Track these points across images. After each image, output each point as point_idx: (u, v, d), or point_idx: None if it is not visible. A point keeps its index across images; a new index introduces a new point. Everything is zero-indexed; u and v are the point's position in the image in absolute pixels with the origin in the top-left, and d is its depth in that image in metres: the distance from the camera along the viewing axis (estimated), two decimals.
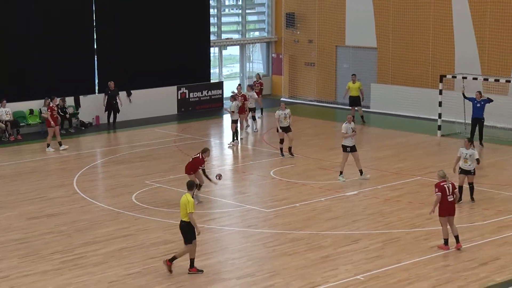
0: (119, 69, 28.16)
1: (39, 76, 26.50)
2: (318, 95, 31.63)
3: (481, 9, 26.64)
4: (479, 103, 22.71)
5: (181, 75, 29.74)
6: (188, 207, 13.02)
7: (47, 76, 26.60)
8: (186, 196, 13.17)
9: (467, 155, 16.79)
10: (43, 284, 13.00)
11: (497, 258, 13.97)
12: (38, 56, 26.58)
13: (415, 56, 28.50)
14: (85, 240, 15.21)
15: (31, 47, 26.42)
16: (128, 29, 28.40)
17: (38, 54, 26.58)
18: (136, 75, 28.57)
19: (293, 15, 32.05)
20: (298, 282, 12.90)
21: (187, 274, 13.30)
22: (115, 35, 28.13)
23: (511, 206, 17.20)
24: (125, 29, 28.32)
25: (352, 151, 19.36)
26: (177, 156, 22.65)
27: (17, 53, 26.12)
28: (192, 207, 13.04)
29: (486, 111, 22.82)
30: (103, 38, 28.01)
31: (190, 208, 13.02)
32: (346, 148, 19.35)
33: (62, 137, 24.82)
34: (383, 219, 16.39)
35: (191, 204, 13.04)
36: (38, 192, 18.95)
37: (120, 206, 17.47)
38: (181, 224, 13.28)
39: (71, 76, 27.06)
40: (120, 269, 13.60)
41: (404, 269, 13.46)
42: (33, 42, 26.44)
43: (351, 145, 19.31)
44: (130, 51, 28.45)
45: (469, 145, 16.83)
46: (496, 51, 26.37)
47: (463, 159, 16.91)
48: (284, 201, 17.83)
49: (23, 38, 26.19)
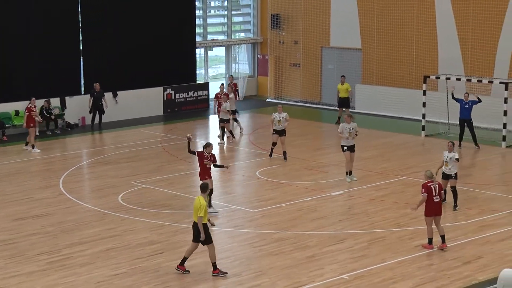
0: (105, 70, 28.06)
1: (24, 77, 26.35)
2: (303, 95, 31.69)
3: (464, 10, 26.80)
4: (467, 104, 22.78)
5: (167, 76, 29.68)
6: (199, 211, 12.87)
7: (33, 77, 26.45)
8: (199, 199, 13.02)
9: (448, 158, 16.72)
10: (29, 285, 12.94)
11: (480, 257, 14.06)
12: (24, 57, 26.42)
13: (399, 57, 28.62)
14: (72, 240, 15.15)
15: (17, 48, 26.26)
16: (114, 30, 28.30)
17: (24, 56, 26.41)
18: (122, 76, 28.49)
19: (278, 16, 32.09)
20: (284, 282, 12.93)
21: (174, 274, 13.29)
22: (101, 36, 28.02)
23: (494, 206, 17.33)
24: (111, 30, 28.22)
25: (350, 151, 19.33)
26: (163, 156, 22.60)
27: (2, 54, 25.96)
28: (203, 211, 12.87)
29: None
30: (89, 39, 27.89)
31: (201, 212, 12.86)
32: (343, 148, 19.35)
33: (48, 138, 24.71)
34: (368, 219, 16.46)
35: (202, 208, 12.88)
36: (24, 193, 18.85)
37: (107, 207, 17.41)
38: (194, 226, 13.14)
39: (57, 77, 26.93)
40: (107, 269, 13.57)
41: (388, 268, 13.52)
42: (19, 44, 26.28)
43: (349, 145, 19.27)
44: (116, 52, 28.35)
45: (452, 149, 16.78)
46: (479, 52, 26.54)
47: (444, 162, 16.82)
48: (270, 201, 17.86)
49: (8, 39, 26.03)
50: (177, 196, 18.30)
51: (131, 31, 28.71)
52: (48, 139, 25.31)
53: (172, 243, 15.00)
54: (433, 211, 14.32)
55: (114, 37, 28.29)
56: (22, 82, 26.25)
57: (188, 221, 16.20)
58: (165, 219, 16.50)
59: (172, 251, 14.47)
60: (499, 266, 13.22)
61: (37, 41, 26.58)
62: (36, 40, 26.55)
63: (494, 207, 17.17)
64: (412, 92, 27.38)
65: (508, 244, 14.71)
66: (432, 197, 14.28)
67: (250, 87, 33.32)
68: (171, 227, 15.95)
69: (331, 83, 30.19)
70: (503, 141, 23.32)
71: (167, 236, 15.41)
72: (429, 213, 14.36)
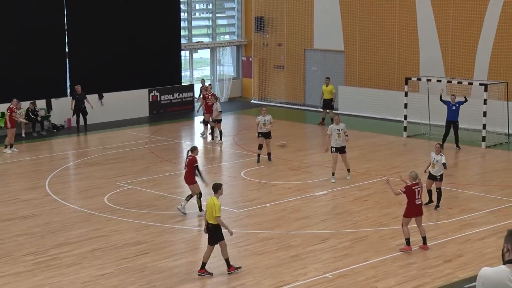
0: (91, 72, 27.97)
1: (10, 79, 26.19)
2: (287, 97, 31.76)
3: (444, 13, 26.99)
4: (454, 105, 22.92)
5: (153, 78, 29.65)
6: (214, 211, 12.82)
7: (19, 79, 26.31)
8: (213, 200, 12.95)
9: (435, 160, 16.81)
10: (16, 286, 12.88)
11: (460, 255, 14.17)
12: (10, 59, 26.29)
13: (382, 59, 28.77)
14: (58, 241, 15.10)
15: (2, 51, 26.13)
16: (100, 32, 28.23)
17: (9, 57, 26.28)
18: (107, 78, 28.41)
19: (262, 19, 32.14)
20: (268, 281, 12.96)
21: (159, 274, 13.28)
22: (87, 39, 27.94)
23: (474, 205, 17.47)
24: (96, 33, 28.15)
25: (340, 152, 19.35)
26: (149, 157, 22.57)
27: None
28: (218, 211, 12.83)
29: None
30: (74, 41, 27.81)
31: (217, 212, 12.81)
32: (332, 149, 19.37)
33: (34, 140, 24.59)
34: (351, 218, 16.53)
35: (217, 208, 12.82)
36: (10, 194, 18.76)
37: (93, 208, 17.37)
38: (208, 227, 13.07)
39: (43, 79, 26.82)
40: (93, 269, 13.54)
41: (371, 266, 13.59)
42: (4, 46, 26.14)
43: (337, 146, 19.30)
44: (101, 54, 28.28)
45: (439, 150, 16.87)
46: (459, 54, 26.73)
47: (432, 163, 16.97)
48: (254, 201, 17.89)
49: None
50: (163, 197, 18.28)
51: (117, 33, 28.64)
52: (34, 140, 25.19)
53: (158, 243, 14.99)
54: (414, 212, 14.26)
55: (100, 40, 28.21)
56: (8, 84, 26.08)
57: (173, 221, 16.23)
58: (151, 219, 16.49)
59: (158, 251, 14.46)
60: (479, 264, 13.35)
61: (23, 44, 26.45)
62: (22, 43, 26.42)
63: (474, 207, 17.31)
64: (394, 93, 27.53)
65: (487, 243, 14.83)
66: (414, 199, 14.18)
67: (234, 89, 33.34)
68: (156, 228, 15.94)
69: (315, 85, 30.30)
70: (483, 141, 23.51)
71: (153, 236, 15.39)
72: (409, 214, 14.28)
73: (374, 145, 24.07)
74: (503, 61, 25.68)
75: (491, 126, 23.89)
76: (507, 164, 21.80)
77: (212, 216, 12.88)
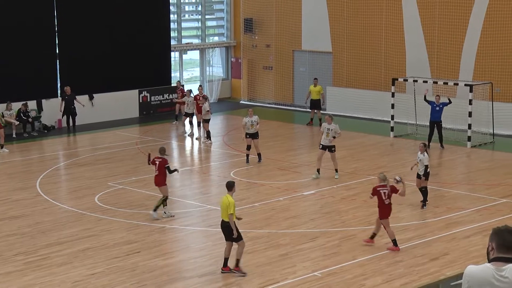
0: (81, 73, 27.87)
1: (1, 81, 26.05)
2: (276, 97, 31.77)
3: (430, 15, 27.08)
4: (438, 106, 23.02)
5: (143, 79, 29.57)
6: (229, 208, 12.74)
7: (10, 80, 26.17)
8: (227, 197, 12.88)
9: (419, 159, 16.97)
10: (6, 285, 12.80)
11: (446, 253, 14.21)
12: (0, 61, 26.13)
13: (369, 60, 28.83)
14: (49, 241, 15.02)
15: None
16: (90, 34, 28.14)
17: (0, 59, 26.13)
18: (98, 79, 28.32)
19: (251, 20, 32.13)
20: (258, 279, 12.94)
21: (150, 273, 13.24)
22: (77, 40, 27.83)
23: (459, 204, 17.53)
24: (86, 34, 28.05)
25: (328, 150, 19.37)
26: (139, 158, 22.50)
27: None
28: (233, 208, 12.77)
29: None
30: (64, 42, 27.69)
31: (231, 209, 12.75)
32: (319, 145, 19.47)
33: (25, 140, 24.47)
34: (339, 217, 16.55)
35: (231, 205, 12.75)
36: (1, 194, 18.64)
37: (83, 208, 17.30)
38: (224, 225, 13.03)
39: (34, 80, 26.70)
40: (84, 269, 13.48)
41: (359, 265, 13.61)
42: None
43: (324, 144, 19.34)
44: (92, 56, 28.18)
45: (423, 150, 16.93)
46: (445, 55, 26.83)
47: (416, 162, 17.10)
48: (244, 201, 17.86)
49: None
50: (153, 197, 18.20)
51: (107, 34, 28.56)
52: (25, 141, 25.07)
53: (148, 242, 14.95)
54: (387, 213, 14.14)
55: (90, 41, 28.12)
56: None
57: (163, 221, 16.19)
58: (141, 219, 16.44)
59: (148, 250, 14.42)
60: (465, 262, 13.39)
61: (14, 46, 26.32)
62: (13, 45, 26.29)
63: (460, 205, 17.37)
64: (381, 94, 27.59)
65: (473, 241, 14.88)
66: (382, 200, 14.13)
67: (224, 89, 33.32)
68: (147, 227, 15.90)
69: (303, 86, 30.31)
70: (468, 141, 23.61)
71: (143, 235, 15.35)
72: (383, 215, 14.18)
73: (362, 145, 24.11)
74: (488, 62, 25.80)
75: (476, 126, 23.99)
76: (491, 164, 21.90)
77: (226, 213, 12.82)
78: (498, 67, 25.59)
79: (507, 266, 4.95)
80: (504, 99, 25.22)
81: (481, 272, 4.98)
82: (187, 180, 20.18)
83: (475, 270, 5.02)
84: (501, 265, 4.96)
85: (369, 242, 14.42)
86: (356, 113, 28.52)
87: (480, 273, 4.98)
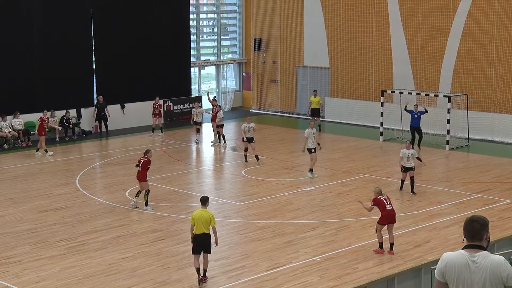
0: (115, 85, 27.98)
1: (46, 91, 26.23)
2: (281, 106, 31.77)
3: (414, 36, 27.05)
4: (416, 114, 23.15)
5: (167, 91, 29.65)
6: (212, 221, 11.79)
7: (54, 91, 26.34)
8: (206, 212, 11.85)
9: (409, 154, 17.33)
10: (51, 267, 12.89)
11: (428, 241, 14.20)
12: (46, 74, 26.31)
13: (361, 75, 28.80)
14: (87, 229, 15.10)
15: (41, 67, 26.14)
16: (122, 52, 28.24)
17: (46, 73, 26.30)
18: (129, 91, 28.42)
19: (260, 40, 32.17)
20: (266, 263, 12.97)
21: (172, 257, 13.28)
22: (111, 58, 27.95)
23: (439, 199, 17.50)
24: (119, 53, 28.16)
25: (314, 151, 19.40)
26: (164, 158, 22.58)
27: (30, 73, 25.86)
28: (214, 220, 11.88)
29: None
30: (100, 60, 27.82)
31: (213, 222, 11.82)
32: (310, 150, 19.41)
33: (67, 143, 24.57)
34: (336, 210, 16.55)
35: (213, 218, 11.87)
36: (46, 189, 18.76)
37: (116, 201, 17.37)
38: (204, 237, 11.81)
39: (74, 91, 26.85)
40: (116, 253, 13.55)
41: (353, 251, 13.60)
42: (42, 63, 26.16)
43: (312, 147, 19.38)
44: (123, 70, 28.28)
45: (410, 147, 17.41)
46: (426, 70, 26.78)
47: (406, 158, 17.31)
48: (254, 195, 17.90)
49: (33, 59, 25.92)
50: (175, 192, 18.30)
51: (136, 53, 28.67)
52: (66, 144, 25.20)
53: (171, 231, 15.01)
54: (388, 219, 13.31)
55: (121, 58, 28.22)
56: (45, 96, 26.12)
57: (185, 212, 16.23)
58: (165, 211, 16.50)
59: (171, 238, 14.47)
60: (444, 248, 13.37)
61: (58, 62, 26.47)
62: (57, 62, 26.44)
63: (440, 200, 17.34)
64: (372, 103, 27.56)
65: (451, 230, 14.85)
66: (384, 206, 13.26)
67: (236, 99, 33.38)
68: (170, 218, 15.95)
69: (305, 96, 30.29)
70: (447, 144, 23.57)
71: (167, 225, 15.41)
72: (383, 221, 13.34)
73: (356, 148, 24.10)
74: (463, 77, 25.75)
75: (454, 131, 23.96)
76: (467, 164, 21.85)
77: (208, 225, 11.78)
78: (473, 81, 25.54)
79: (479, 253, 4.97)
80: (478, 109, 25.17)
81: (456, 258, 5.02)
82: (204, 177, 20.23)
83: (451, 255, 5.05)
84: (473, 252, 4.99)
85: (390, 253, 13.32)
86: (351, 120, 28.49)
87: (456, 258, 5.02)
